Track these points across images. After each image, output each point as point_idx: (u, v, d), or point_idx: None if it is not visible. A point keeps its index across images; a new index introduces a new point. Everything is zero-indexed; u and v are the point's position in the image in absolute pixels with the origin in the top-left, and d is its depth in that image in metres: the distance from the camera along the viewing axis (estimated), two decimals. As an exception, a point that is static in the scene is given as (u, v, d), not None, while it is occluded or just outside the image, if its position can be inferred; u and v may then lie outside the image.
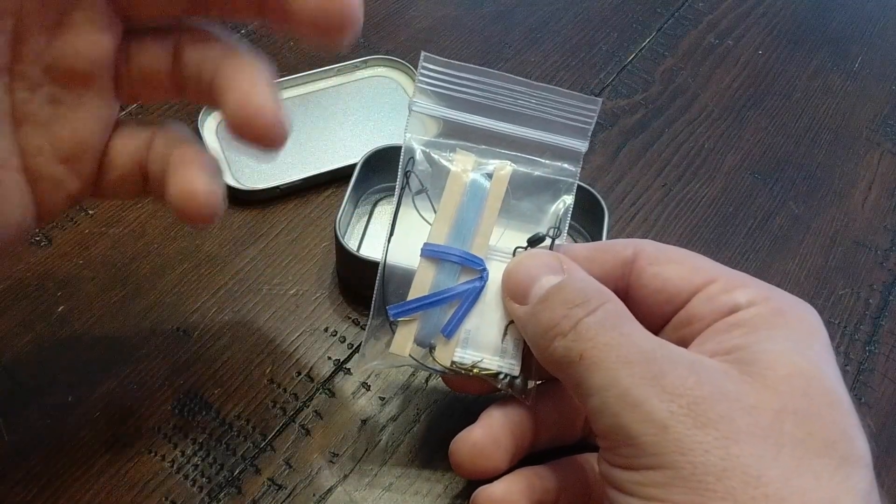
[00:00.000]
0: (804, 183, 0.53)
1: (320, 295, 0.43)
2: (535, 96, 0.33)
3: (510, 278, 0.32)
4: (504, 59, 0.57)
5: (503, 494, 0.32)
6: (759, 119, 0.56)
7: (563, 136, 0.34)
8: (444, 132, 0.34)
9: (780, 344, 0.26)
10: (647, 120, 0.55)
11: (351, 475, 0.36)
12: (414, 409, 0.39)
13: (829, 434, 0.24)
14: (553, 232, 0.33)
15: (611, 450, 0.26)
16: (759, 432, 0.24)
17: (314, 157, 0.48)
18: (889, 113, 0.58)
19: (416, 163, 0.34)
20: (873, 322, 0.46)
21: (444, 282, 0.32)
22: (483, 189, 0.33)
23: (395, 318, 0.32)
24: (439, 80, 0.33)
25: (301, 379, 0.39)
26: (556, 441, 0.34)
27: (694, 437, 0.24)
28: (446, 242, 0.33)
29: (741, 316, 0.28)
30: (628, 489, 0.25)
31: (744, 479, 0.23)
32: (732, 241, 0.49)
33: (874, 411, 0.42)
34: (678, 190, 0.51)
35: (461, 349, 0.32)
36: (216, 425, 0.37)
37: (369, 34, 0.57)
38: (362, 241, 0.44)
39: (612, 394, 0.25)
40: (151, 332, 0.40)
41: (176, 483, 0.35)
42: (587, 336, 0.27)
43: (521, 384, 0.32)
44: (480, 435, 0.32)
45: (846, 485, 0.24)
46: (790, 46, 0.63)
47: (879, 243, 0.50)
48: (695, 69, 0.59)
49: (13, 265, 0.42)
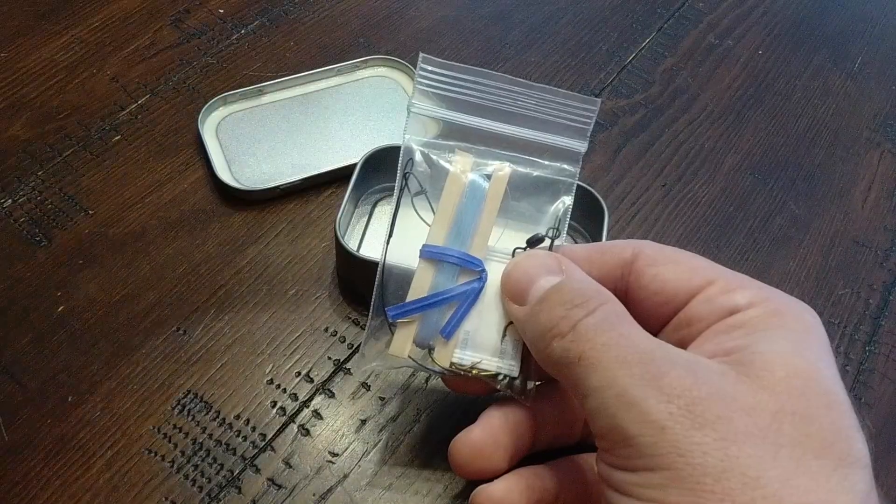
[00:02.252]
0: (804, 183, 0.53)
1: (320, 295, 0.43)
2: (534, 97, 0.33)
3: (509, 279, 0.32)
4: (504, 60, 0.57)
5: (503, 494, 0.32)
6: (759, 119, 0.56)
7: (563, 137, 0.34)
8: (443, 133, 0.34)
9: (779, 345, 0.26)
10: (647, 120, 0.55)
11: (351, 475, 0.36)
12: (414, 409, 0.39)
13: (827, 435, 0.24)
14: (552, 232, 0.33)
15: (609, 450, 0.26)
16: (757, 433, 0.24)
17: (314, 157, 0.48)
18: (889, 113, 0.58)
19: (415, 164, 0.34)
20: (873, 322, 0.46)
21: (442, 283, 0.32)
22: (482, 190, 0.33)
23: (393, 320, 0.32)
24: (438, 81, 0.33)
25: (301, 379, 0.39)
26: (556, 442, 0.34)
27: (692, 437, 0.24)
28: (445, 243, 0.33)
29: (740, 317, 0.28)
30: (626, 490, 0.25)
31: (742, 479, 0.23)
32: (732, 241, 0.49)
33: (874, 411, 0.42)
34: (678, 190, 0.51)
35: (460, 350, 0.32)
36: (216, 425, 0.37)
37: (369, 34, 0.57)
38: (362, 241, 0.44)
39: (611, 394, 0.25)
40: (151, 332, 0.40)
41: (176, 483, 0.35)
42: (586, 337, 0.27)
43: (520, 385, 0.32)
44: (480, 435, 0.32)
45: (844, 485, 0.24)
46: (790, 46, 0.62)
47: (879, 243, 0.50)
48: (695, 69, 0.59)
49: (12, 265, 0.42)
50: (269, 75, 0.53)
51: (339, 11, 0.59)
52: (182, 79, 0.53)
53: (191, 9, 0.58)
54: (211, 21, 0.57)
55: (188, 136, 0.50)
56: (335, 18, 0.59)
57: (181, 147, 0.49)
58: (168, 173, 0.47)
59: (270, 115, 0.50)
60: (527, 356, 0.32)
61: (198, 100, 0.51)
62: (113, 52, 0.54)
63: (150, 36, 0.56)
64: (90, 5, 0.57)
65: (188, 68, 0.54)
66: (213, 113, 0.50)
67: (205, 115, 0.49)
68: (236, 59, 0.55)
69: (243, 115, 0.50)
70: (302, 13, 0.59)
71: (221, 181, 0.46)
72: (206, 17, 0.57)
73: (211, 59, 0.54)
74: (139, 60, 0.54)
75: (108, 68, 0.53)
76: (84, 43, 0.55)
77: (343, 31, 0.58)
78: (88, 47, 0.54)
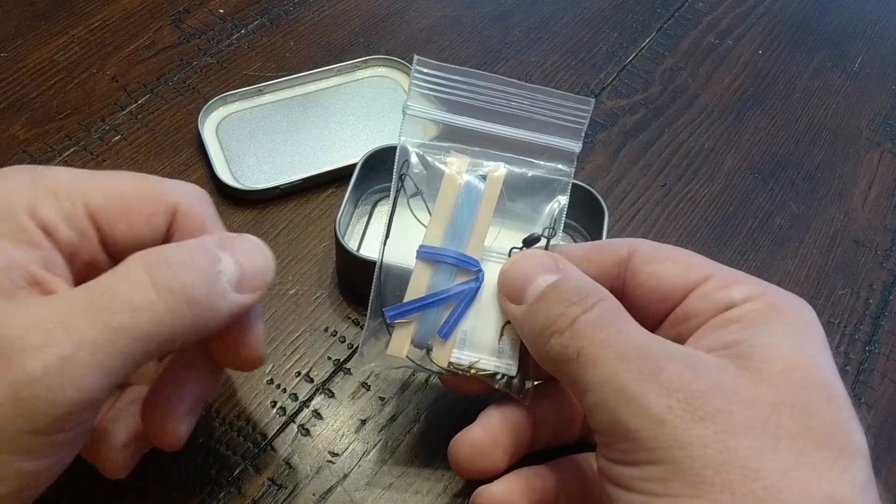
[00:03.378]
0: (804, 183, 0.53)
1: (320, 295, 0.43)
2: (528, 98, 0.33)
3: (506, 278, 0.32)
4: (504, 60, 0.57)
5: (503, 494, 0.32)
6: (759, 119, 0.56)
7: (557, 137, 0.34)
8: (439, 135, 0.34)
9: (777, 339, 0.27)
10: (647, 120, 0.55)
11: (351, 475, 0.36)
12: (413, 409, 0.39)
13: (826, 427, 0.24)
14: (548, 232, 0.33)
15: (609, 445, 0.26)
16: (756, 425, 0.24)
17: (314, 157, 0.48)
18: (889, 113, 0.58)
19: (411, 165, 0.34)
20: (873, 322, 0.46)
21: (440, 283, 0.32)
22: (477, 191, 0.33)
23: (391, 320, 0.32)
24: (433, 82, 0.33)
25: (301, 379, 0.39)
26: (555, 441, 0.34)
27: (692, 431, 0.24)
28: (442, 244, 0.33)
29: (737, 312, 0.28)
30: (627, 484, 0.25)
31: (742, 472, 0.23)
32: (732, 240, 0.49)
33: (874, 411, 0.42)
34: (678, 190, 0.51)
35: (458, 350, 0.32)
36: (216, 425, 0.37)
37: (369, 34, 0.58)
38: (362, 241, 0.44)
39: (610, 390, 0.25)
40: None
41: (176, 483, 0.35)
42: (584, 333, 0.27)
43: (518, 384, 0.32)
44: (479, 435, 0.32)
45: (844, 477, 0.24)
46: (790, 46, 0.62)
47: (879, 243, 0.50)
48: (695, 69, 0.59)
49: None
50: (269, 75, 0.53)
51: (339, 11, 0.59)
52: (182, 79, 0.53)
53: (191, 9, 0.58)
54: (211, 21, 0.57)
55: (188, 136, 0.50)
56: (335, 18, 0.59)
57: (181, 147, 0.49)
58: (168, 173, 0.47)
59: (270, 115, 0.50)
60: (525, 356, 0.32)
61: (198, 100, 0.51)
62: (113, 52, 0.54)
63: (150, 36, 0.56)
64: (90, 5, 0.57)
65: (188, 68, 0.54)
66: (213, 113, 0.50)
67: (205, 115, 0.49)
68: (236, 59, 0.55)
69: (243, 115, 0.50)
70: (302, 13, 0.59)
71: (221, 181, 0.46)
72: (206, 17, 0.58)
73: (211, 59, 0.55)
74: (139, 60, 0.54)
75: (108, 68, 0.53)
76: (84, 43, 0.55)
77: (343, 31, 0.58)
78: (88, 47, 0.54)
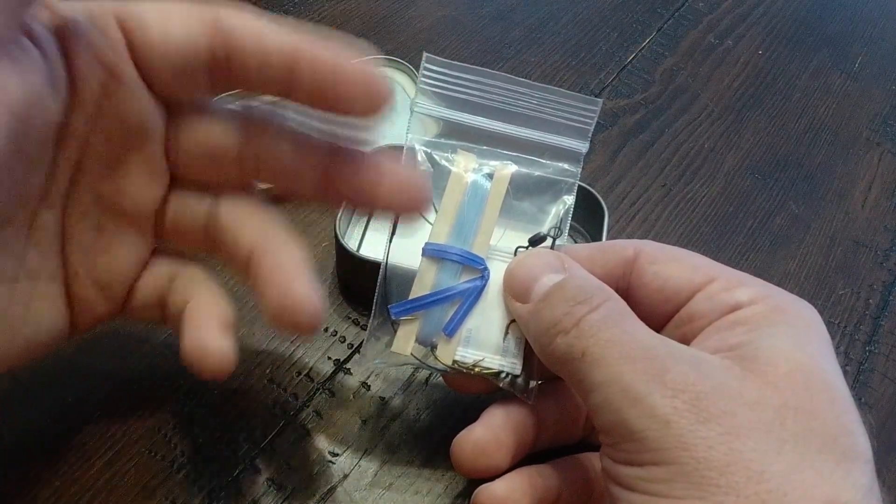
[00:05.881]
0: (804, 183, 0.53)
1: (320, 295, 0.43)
2: (536, 97, 0.33)
3: (512, 277, 0.32)
4: (504, 59, 0.57)
5: (505, 493, 0.31)
6: (759, 119, 0.56)
7: (564, 137, 0.34)
8: (445, 133, 0.34)
9: (781, 341, 0.27)
10: (647, 120, 0.55)
11: (351, 475, 0.36)
12: (414, 408, 0.39)
13: (830, 430, 0.25)
14: (554, 232, 0.33)
15: (613, 446, 0.26)
16: (761, 427, 0.24)
17: (314, 157, 0.48)
18: (889, 113, 0.58)
19: (418, 163, 0.34)
20: (873, 322, 0.46)
21: (445, 281, 0.32)
22: (484, 189, 0.33)
23: (396, 317, 0.32)
24: (441, 80, 0.33)
25: (301, 379, 0.39)
26: (558, 440, 0.34)
27: (696, 432, 0.24)
28: (447, 242, 0.33)
29: (742, 314, 0.28)
30: (631, 485, 0.25)
31: (746, 473, 0.23)
32: (732, 240, 0.49)
33: (874, 411, 0.42)
34: (678, 190, 0.51)
35: (463, 348, 0.32)
36: (216, 425, 0.37)
37: (369, 34, 0.57)
38: (362, 241, 0.44)
39: (615, 390, 0.25)
40: (152, 331, 0.40)
41: (176, 483, 0.35)
42: (589, 333, 0.27)
43: (522, 383, 0.32)
44: (482, 434, 0.32)
45: (848, 480, 0.24)
46: (790, 46, 0.63)
47: (879, 243, 0.50)
48: (695, 69, 0.59)
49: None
50: (269, 75, 0.53)
51: (339, 11, 0.59)
52: (182, 79, 0.53)
53: (190, 9, 0.58)
54: (210, 21, 0.57)
55: (188, 136, 0.49)
56: (335, 18, 0.59)
57: (181, 147, 0.49)
58: (168, 173, 0.47)
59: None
60: (529, 355, 0.32)
61: (197, 99, 0.51)
62: (112, 51, 0.54)
63: (150, 36, 0.56)
64: (89, 5, 0.57)
65: (188, 68, 0.54)
66: (213, 112, 0.50)
67: (205, 115, 0.49)
68: (236, 58, 0.54)
69: (243, 115, 0.50)
70: (302, 13, 0.59)
71: (221, 181, 0.46)
72: (205, 17, 0.57)
73: (210, 58, 0.54)
74: (139, 60, 0.54)
75: (108, 68, 0.53)
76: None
77: (343, 31, 0.58)
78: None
